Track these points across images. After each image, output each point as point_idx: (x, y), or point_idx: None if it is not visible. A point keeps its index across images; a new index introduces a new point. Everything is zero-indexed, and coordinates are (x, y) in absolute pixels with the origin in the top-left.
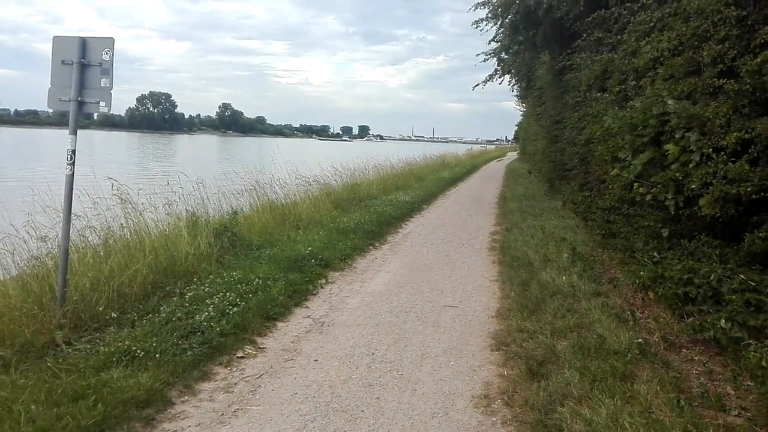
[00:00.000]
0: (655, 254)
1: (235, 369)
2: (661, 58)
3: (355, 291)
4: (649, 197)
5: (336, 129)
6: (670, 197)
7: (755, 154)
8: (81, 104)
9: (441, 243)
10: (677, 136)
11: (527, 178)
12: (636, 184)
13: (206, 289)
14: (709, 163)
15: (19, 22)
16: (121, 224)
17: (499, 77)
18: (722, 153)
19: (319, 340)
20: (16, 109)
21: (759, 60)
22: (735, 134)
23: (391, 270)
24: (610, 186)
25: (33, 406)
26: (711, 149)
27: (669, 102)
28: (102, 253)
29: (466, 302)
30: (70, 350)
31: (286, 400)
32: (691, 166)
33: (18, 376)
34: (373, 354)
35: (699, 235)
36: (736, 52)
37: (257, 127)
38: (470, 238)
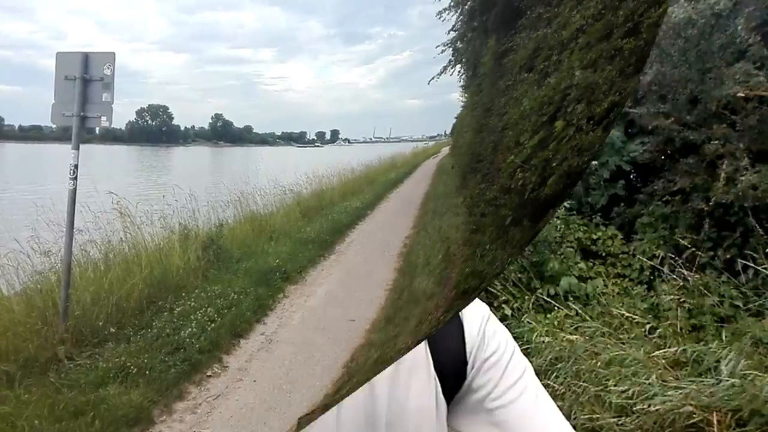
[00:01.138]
0: None
1: (203, 388)
2: (585, 27)
3: (300, 306)
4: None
5: (312, 135)
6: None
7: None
8: (83, 119)
9: (372, 251)
10: (569, 110)
11: (449, 175)
12: (518, 170)
13: (192, 304)
14: (577, 135)
15: (24, 39)
16: (120, 238)
17: (452, 68)
18: (591, 122)
19: (263, 359)
20: (20, 125)
21: (661, 10)
22: (610, 99)
23: (331, 282)
24: (503, 174)
25: (37, 422)
26: (585, 120)
27: (577, 73)
28: (102, 267)
29: (365, 314)
30: (71, 365)
31: (224, 425)
32: (563, 142)
33: (22, 392)
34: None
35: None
36: (646, 5)
37: (246, 137)
38: (391, 245)
